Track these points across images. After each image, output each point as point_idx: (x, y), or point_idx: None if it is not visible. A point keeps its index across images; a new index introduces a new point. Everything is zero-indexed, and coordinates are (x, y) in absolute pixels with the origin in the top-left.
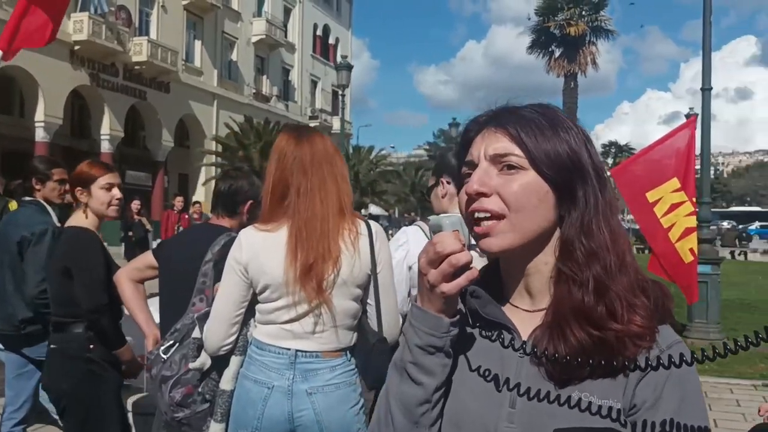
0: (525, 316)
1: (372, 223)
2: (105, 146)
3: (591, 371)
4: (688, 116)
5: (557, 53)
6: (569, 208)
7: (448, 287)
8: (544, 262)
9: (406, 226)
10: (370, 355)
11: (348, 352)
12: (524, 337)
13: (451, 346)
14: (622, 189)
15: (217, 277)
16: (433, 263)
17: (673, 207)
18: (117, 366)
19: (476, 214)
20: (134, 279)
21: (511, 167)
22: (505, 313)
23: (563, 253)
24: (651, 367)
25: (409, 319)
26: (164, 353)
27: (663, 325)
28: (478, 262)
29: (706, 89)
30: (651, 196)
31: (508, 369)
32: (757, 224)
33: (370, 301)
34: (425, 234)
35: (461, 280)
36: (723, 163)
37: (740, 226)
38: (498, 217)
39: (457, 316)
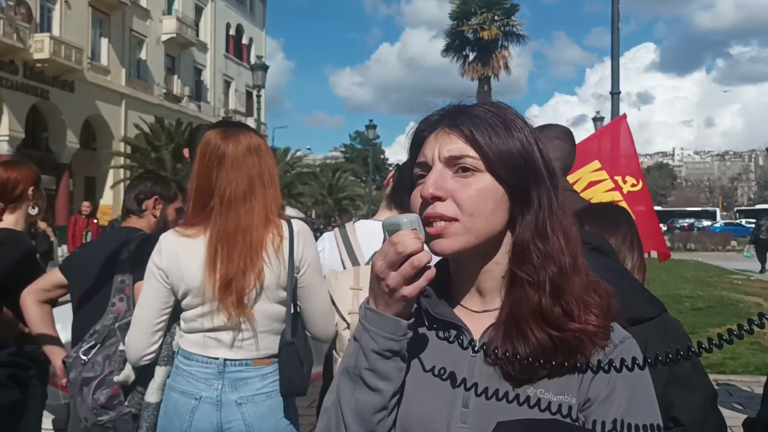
0: (475, 316)
1: (295, 222)
2: (4, 148)
3: (550, 371)
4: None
5: (471, 57)
6: (523, 210)
7: (409, 290)
8: (496, 263)
9: (329, 231)
10: (279, 360)
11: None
12: (476, 337)
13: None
14: None
15: (137, 277)
16: (393, 265)
17: (591, 184)
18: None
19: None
20: (40, 300)
21: (466, 169)
22: (455, 313)
23: (517, 255)
24: (603, 369)
25: (362, 325)
26: (84, 354)
27: (613, 322)
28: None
29: (614, 93)
30: (570, 179)
31: (461, 369)
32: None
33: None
34: (337, 245)
35: (422, 282)
36: None
37: None
38: (452, 220)
39: (413, 318)
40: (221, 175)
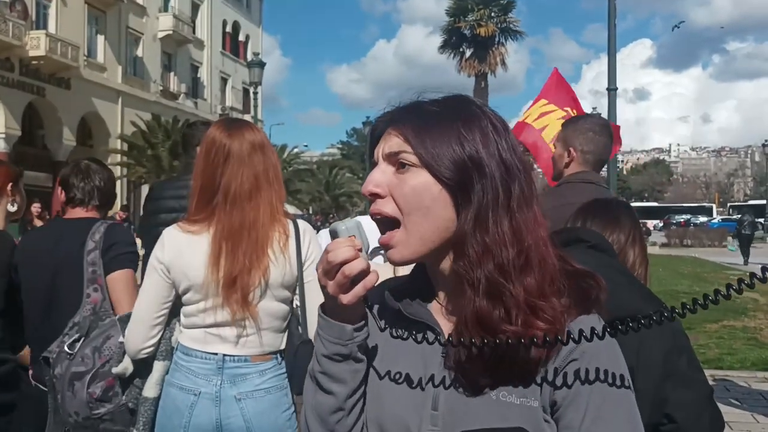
0: (449, 316)
1: (300, 222)
2: (0, 145)
3: (501, 377)
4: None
5: (468, 53)
6: (466, 204)
7: (347, 298)
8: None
9: (325, 228)
10: (295, 358)
11: (279, 355)
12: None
13: (363, 350)
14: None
15: (107, 267)
16: (328, 273)
17: (543, 114)
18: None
19: (376, 217)
20: None
21: (403, 165)
22: (430, 312)
23: (457, 251)
24: (558, 367)
25: (317, 329)
26: (69, 348)
27: (585, 316)
28: (387, 269)
29: (611, 89)
30: (522, 116)
31: (430, 369)
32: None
33: (298, 301)
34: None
35: (358, 290)
36: (622, 161)
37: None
38: (392, 221)
39: (363, 321)
40: (226, 173)
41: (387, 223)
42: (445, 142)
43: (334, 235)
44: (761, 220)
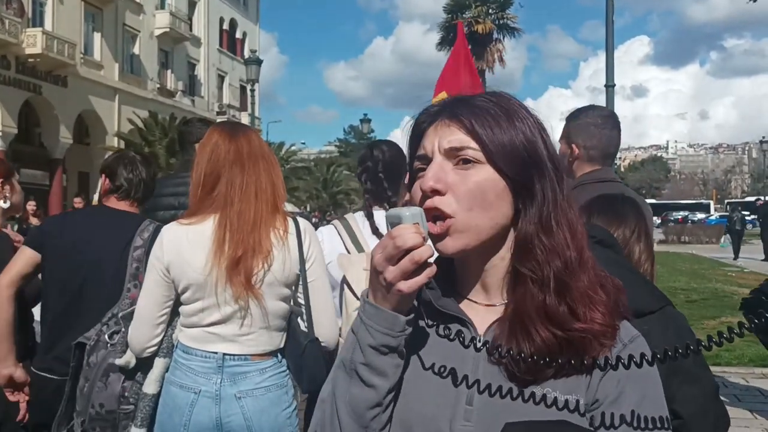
0: (481, 310)
1: (300, 219)
2: None
3: (556, 371)
4: None
5: None
6: (526, 203)
7: (407, 285)
8: (501, 258)
9: (324, 225)
10: (302, 358)
11: (278, 353)
12: (480, 332)
13: (404, 344)
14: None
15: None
16: (391, 259)
17: None
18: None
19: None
20: (17, 290)
21: (466, 161)
22: (460, 307)
23: (521, 250)
24: (611, 366)
25: (360, 317)
26: (109, 339)
27: (622, 321)
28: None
29: (609, 86)
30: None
31: (465, 366)
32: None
33: (302, 300)
34: (339, 234)
35: (421, 278)
36: (620, 158)
37: None
38: (449, 216)
39: (413, 314)
40: (229, 175)
41: (440, 219)
42: (509, 138)
43: (396, 220)
44: (749, 215)
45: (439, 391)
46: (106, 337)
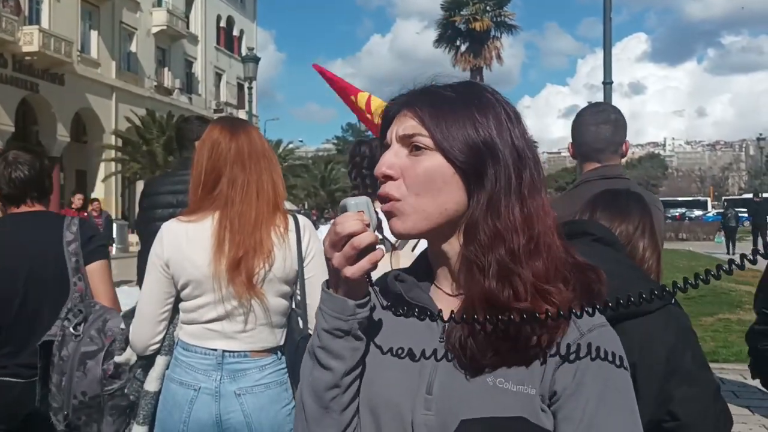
0: (449, 300)
1: (300, 217)
2: None
3: (503, 358)
4: None
5: (463, 48)
6: (478, 188)
7: (351, 270)
8: (455, 244)
9: (323, 224)
10: (296, 354)
11: (278, 351)
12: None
13: (363, 329)
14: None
15: (87, 258)
16: (335, 246)
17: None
18: None
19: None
20: None
21: (418, 148)
22: (431, 298)
23: (467, 235)
24: (560, 356)
25: (319, 304)
26: (74, 330)
27: (591, 311)
28: (409, 258)
29: (607, 83)
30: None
31: (428, 350)
32: None
33: (299, 297)
34: None
35: (364, 263)
36: None
37: None
38: (397, 200)
39: (366, 298)
40: (230, 174)
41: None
42: (461, 127)
43: (343, 209)
44: (744, 212)
45: (401, 378)
46: (71, 329)
